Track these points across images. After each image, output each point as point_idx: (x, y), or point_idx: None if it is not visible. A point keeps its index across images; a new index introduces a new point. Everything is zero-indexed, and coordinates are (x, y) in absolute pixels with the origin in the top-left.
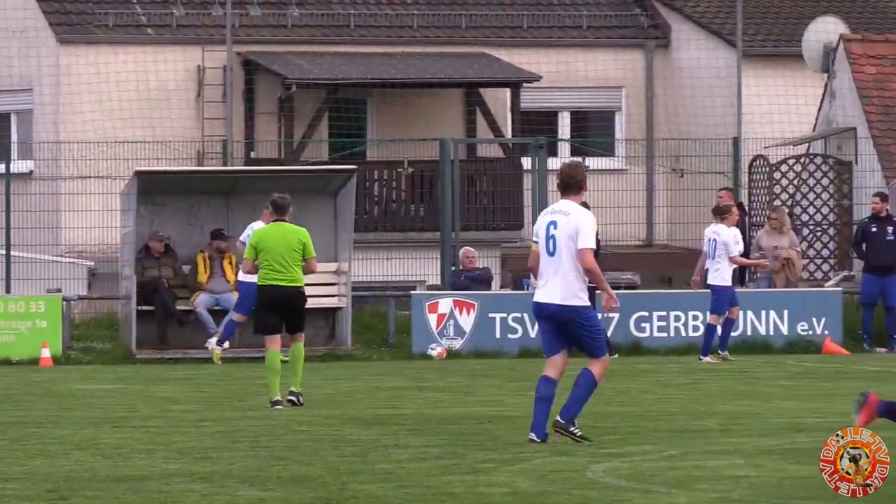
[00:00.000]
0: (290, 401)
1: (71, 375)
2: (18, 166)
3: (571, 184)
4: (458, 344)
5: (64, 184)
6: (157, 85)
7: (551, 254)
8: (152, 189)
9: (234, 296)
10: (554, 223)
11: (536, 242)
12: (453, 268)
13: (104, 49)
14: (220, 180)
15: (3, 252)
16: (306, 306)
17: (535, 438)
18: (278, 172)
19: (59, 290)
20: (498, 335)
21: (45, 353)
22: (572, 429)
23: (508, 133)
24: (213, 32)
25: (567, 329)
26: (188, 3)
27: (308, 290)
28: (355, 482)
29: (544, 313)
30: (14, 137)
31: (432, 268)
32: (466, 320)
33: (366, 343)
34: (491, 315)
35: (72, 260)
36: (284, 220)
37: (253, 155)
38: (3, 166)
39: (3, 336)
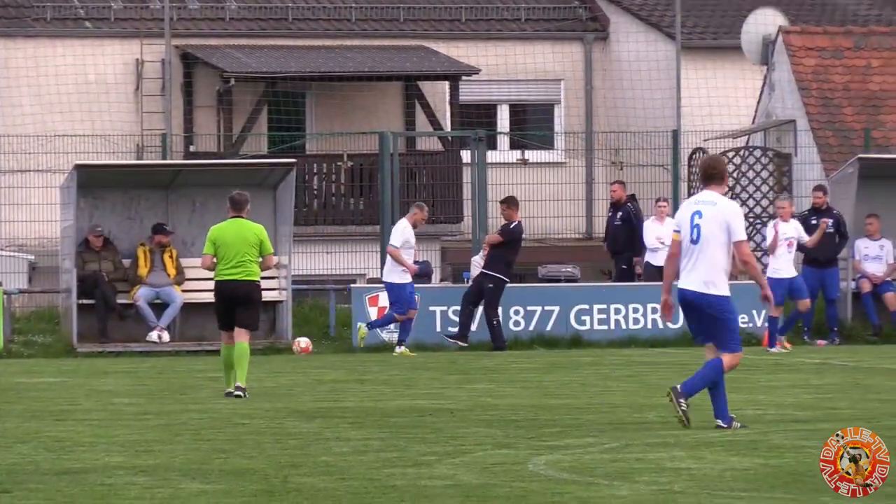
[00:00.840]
0: (236, 395)
1: (12, 369)
2: None
3: (714, 174)
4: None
5: (3, 177)
6: (95, 78)
7: (694, 242)
8: (92, 183)
9: (175, 289)
10: (699, 213)
11: (678, 232)
12: None
13: (42, 42)
14: (159, 174)
15: None
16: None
17: (722, 424)
18: (217, 166)
19: None
20: (438, 328)
21: None
22: (681, 400)
23: (447, 126)
24: (152, 26)
25: (702, 317)
26: None
27: None
28: (297, 475)
29: (685, 300)
30: None
31: (372, 261)
32: None
33: (306, 336)
34: (431, 308)
35: (12, 254)
36: (241, 217)
37: (192, 148)
38: None
39: None
